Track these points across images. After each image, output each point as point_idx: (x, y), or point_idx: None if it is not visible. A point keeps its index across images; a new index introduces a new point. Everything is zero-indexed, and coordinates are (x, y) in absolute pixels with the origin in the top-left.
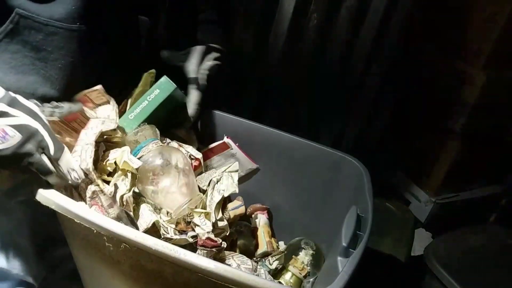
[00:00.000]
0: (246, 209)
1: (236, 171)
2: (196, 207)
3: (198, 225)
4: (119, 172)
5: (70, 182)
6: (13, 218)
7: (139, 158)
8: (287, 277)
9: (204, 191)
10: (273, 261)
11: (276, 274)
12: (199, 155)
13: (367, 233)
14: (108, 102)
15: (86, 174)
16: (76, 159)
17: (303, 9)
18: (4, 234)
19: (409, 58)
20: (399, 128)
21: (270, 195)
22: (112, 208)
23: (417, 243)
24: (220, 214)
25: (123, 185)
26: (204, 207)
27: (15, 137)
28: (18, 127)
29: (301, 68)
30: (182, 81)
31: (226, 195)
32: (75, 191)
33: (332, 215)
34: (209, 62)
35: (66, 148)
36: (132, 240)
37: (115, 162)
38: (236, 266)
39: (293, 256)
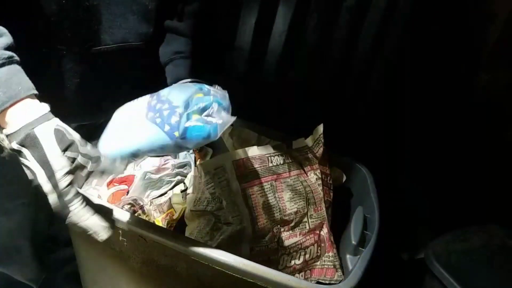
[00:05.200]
0: None
1: None
2: None
3: None
4: None
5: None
6: (13, 220)
7: None
8: None
9: None
10: None
11: None
12: None
13: (375, 233)
14: None
15: None
16: None
17: None
18: (4, 236)
19: None
20: None
21: None
22: None
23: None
24: None
25: None
26: None
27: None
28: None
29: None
30: None
31: None
32: None
33: (336, 215)
34: None
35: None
36: (150, 234)
37: None
38: None
39: None
